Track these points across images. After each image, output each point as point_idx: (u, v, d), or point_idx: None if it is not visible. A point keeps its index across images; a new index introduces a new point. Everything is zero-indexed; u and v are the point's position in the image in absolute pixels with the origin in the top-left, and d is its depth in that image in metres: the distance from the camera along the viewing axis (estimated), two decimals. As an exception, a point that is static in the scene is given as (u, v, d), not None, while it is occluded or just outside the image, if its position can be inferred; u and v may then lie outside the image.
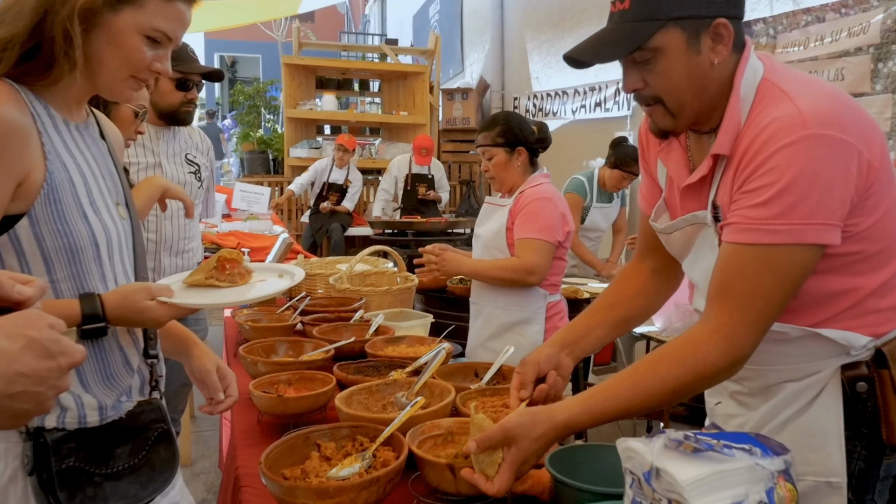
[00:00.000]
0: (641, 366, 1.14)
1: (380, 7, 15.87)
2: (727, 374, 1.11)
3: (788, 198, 1.05)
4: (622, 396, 1.11)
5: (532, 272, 2.40)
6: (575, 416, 1.10)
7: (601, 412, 1.11)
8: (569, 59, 1.21)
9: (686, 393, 1.11)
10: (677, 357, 1.10)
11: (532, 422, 1.09)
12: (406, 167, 6.69)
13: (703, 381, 1.10)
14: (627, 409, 1.11)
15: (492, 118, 2.64)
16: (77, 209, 1.11)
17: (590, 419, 1.11)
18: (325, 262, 3.40)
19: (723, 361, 1.08)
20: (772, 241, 1.07)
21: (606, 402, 1.11)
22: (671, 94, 1.17)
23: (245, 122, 8.98)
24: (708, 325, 1.11)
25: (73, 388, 1.11)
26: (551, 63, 6.89)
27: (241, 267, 1.24)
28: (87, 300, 1.09)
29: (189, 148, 2.76)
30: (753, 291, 1.08)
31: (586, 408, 1.11)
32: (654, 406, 1.13)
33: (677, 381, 1.09)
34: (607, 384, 1.14)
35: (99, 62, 1.12)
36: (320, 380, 1.68)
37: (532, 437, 1.08)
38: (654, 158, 1.41)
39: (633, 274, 1.55)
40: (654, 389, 1.09)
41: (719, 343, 1.08)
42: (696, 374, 1.08)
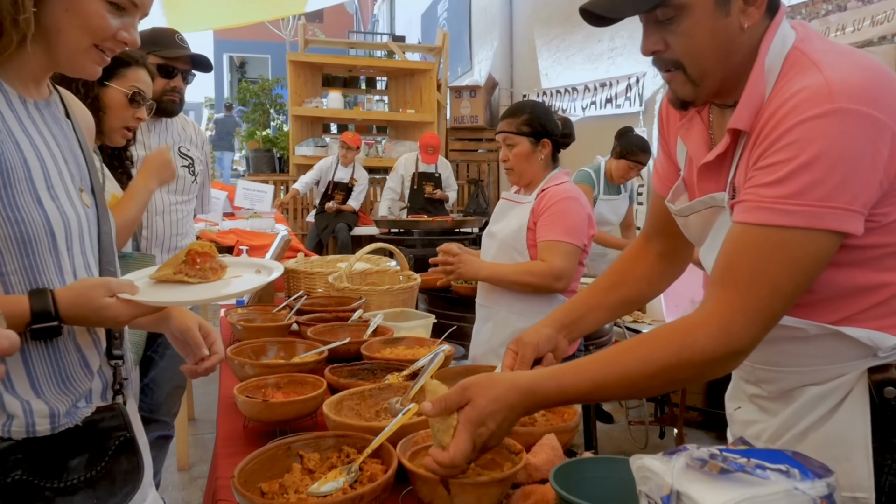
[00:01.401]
0: (623, 344, 1.02)
1: (388, 6, 15.79)
2: (720, 366, 0.98)
3: (806, 176, 0.93)
4: (596, 371, 0.99)
5: (560, 277, 2.22)
6: (540, 382, 0.98)
7: (572, 385, 0.98)
8: (584, 12, 1.09)
9: (670, 379, 0.98)
10: (663, 337, 0.98)
11: (491, 381, 0.98)
12: (413, 166, 6.58)
13: (688, 367, 0.96)
14: (602, 385, 0.98)
15: (518, 105, 2.46)
16: (31, 194, 1.00)
17: (558, 390, 0.98)
18: (326, 260, 3.30)
19: (713, 349, 0.95)
20: (783, 222, 0.95)
21: (578, 374, 0.99)
22: (693, 58, 1.06)
23: (251, 119, 8.90)
24: (703, 310, 0.99)
25: (22, 393, 1.00)
26: (561, 59, 6.77)
27: (214, 261, 1.13)
28: (38, 296, 0.98)
29: (182, 141, 2.67)
30: (757, 276, 0.96)
31: (554, 376, 0.99)
32: (633, 389, 1.00)
33: (659, 363, 0.96)
34: (584, 359, 1.03)
35: (56, 31, 1.02)
36: (311, 383, 1.57)
37: (489, 395, 0.96)
38: (673, 135, 1.30)
39: (638, 255, 1.45)
40: (633, 368, 0.97)
41: (712, 329, 0.96)
42: (682, 358, 0.96)
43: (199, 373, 1.31)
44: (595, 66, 6.08)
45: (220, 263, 1.15)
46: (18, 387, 1.00)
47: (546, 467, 1.15)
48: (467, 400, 0.97)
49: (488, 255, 2.43)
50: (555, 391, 0.98)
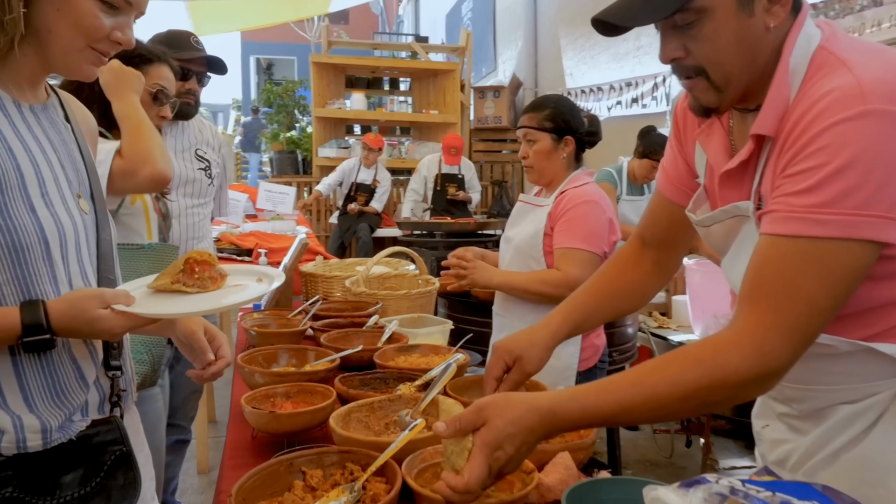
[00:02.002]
0: (650, 363, 0.95)
1: (413, 7, 15.79)
2: (755, 388, 0.92)
3: (840, 183, 0.87)
4: (622, 392, 0.92)
5: (576, 287, 2.14)
6: (562, 403, 0.92)
7: (595, 406, 0.92)
8: (597, 22, 1.03)
9: (701, 401, 0.92)
10: (694, 358, 0.92)
11: (508, 402, 0.92)
12: (436, 167, 6.54)
13: (722, 389, 0.90)
14: (628, 407, 0.92)
15: (541, 99, 2.31)
16: (24, 201, 0.97)
17: (581, 412, 0.92)
18: (346, 263, 3.27)
19: (748, 370, 0.89)
20: (817, 233, 0.89)
21: (602, 395, 0.92)
22: (717, 64, 0.99)
23: (275, 121, 8.93)
24: (735, 328, 0.93)
25: (14, 407, 0.97)
26: (586, 59, 6.68)
27: (213, 270, 1.09)
28: (29, 308, 0.95)
29: (199, 143, 2.65)
30: (792, 292, 0.90)
31: (576, 396, 0.93)
32: (661, 411, 0.93)
33: (690, 384, 0.90)
34: (608, 378, 0.97)
35: (48, 32, 0.99)
36: (321, 393, 1.53)
37: (507, 417, 0.90)
38: (691, 141, 1.23)
39: (635, 261, 1.39)
40: (662, 390, 0.90)
41: (746, 349, 0.89)
42: (715, 378, 0.89)
43: (205, 378, 1.28)
44: (620, 65, 5.98)
45: (219, 272, 1.11)
46: (10, 400, 0.97)
47: (559, 488, 1.09)
48: (483, 421, 0.91)
49: (504, 260, 2.34)
50: (577, 413, 0.92)
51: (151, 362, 1.75)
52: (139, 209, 1.94)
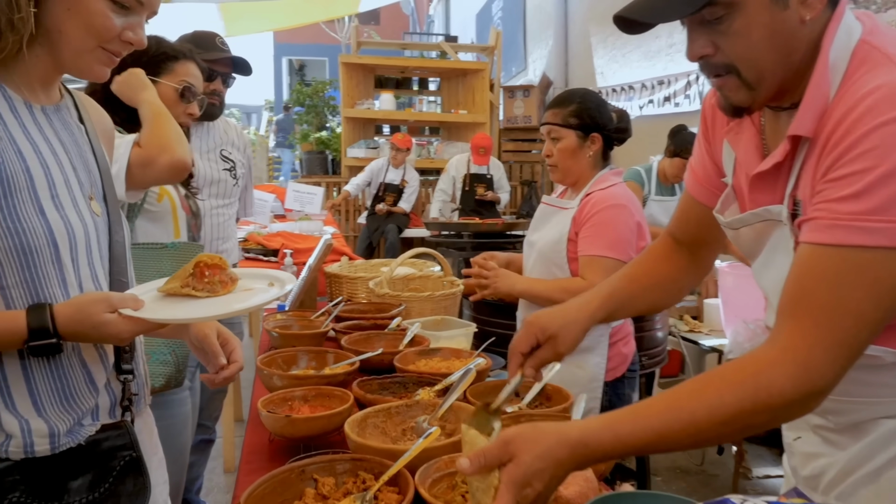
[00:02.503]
0: (687, 386, 0.90)
1: (444, 7, 15.77)
2: (799, 408, 0.87)
3: (889, 188, 0.82)
4: (658, 419, 0.86)
5: None
6: (594, 433, 0.86)
7: (630, 434, 0.86)
8: (620, 19, 0.98)
9: (742, 426, 0.86)
10: (734, 380, 0.86)
11: (536, 434, 0.87)
12: (464, 167, 6.50)
13: (765, 412, 0.84)
14: (664, 435, 0.86)
15: (566, 94, 2.19)
16: (33, 204, 0.96)
17: (613, 440, 0.86)
18: (371, 264, 3.25)
19: (793, 391, 0.83)
20: (864, 241, 0.83)
21: (637, 423, 0.87)
22: (749, 60, 0.94)
23: (305, 121, 8.98)
24: (777, 344, 0.87)
25: (23, 411, 0.97)
26: (617, 57, 6.58)
27: (224, 274, 1.07)
28: (36, 312, 0.93)
29: (224, 144, 2.66)
30: (837, 305, 0.84)
31: (609, 425, 0.87)
32: (700, 438, 0.88)
33: (730, 408, 0.84)
34: (642, 403, 0.91)
35: (59, 33, 0.97)
36: (339, 397, 1.51)
37: (535, 451, 0.84)
38: (719, 139, 1.17)
39: (670, 255, 1.35)
40: (700, 416, 0.85)
41: (790, 368, 0.84)
42: (757, 402, 0.84)
43: (217, 382, 1.26)
44: (652, 63, 5.88)
45: (230, 276, 1.09)
46: (19, 404, 0.97)
47: (579, 501, 1.05)
48: (510, 456, 0.85)
49: (527, 265, 2.25)
50: (610, 443, 0.86)
51: (175, 363, 1.74)
52: (166, 208, 1.92)
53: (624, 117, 2.24)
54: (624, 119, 2.23)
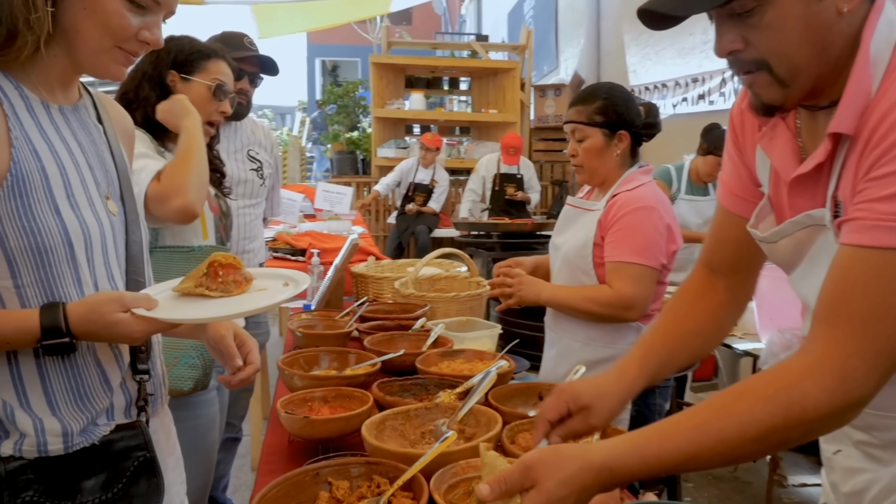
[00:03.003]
0: (716, 401, 0.85)
1: (476, 6, 15.74)
2: (835, 421, 0.82)
3: None
4: (685, 439, 0.82)
5: (630, 307, 1.88)
6: (618, 457, 0.82)
7: (656, 456, 0.82)
8: (644, 14, 0.94)
9: (775, 442, 0.82)
10: (765, 393, 0.82)
11: (558, 459, 0.83)
12: (494, 167, 6.47)
13: (798, 427, 0.80)
14: (693, 455, 0.82)
15: (591, 89, 2.07)
16: (48, 203, 0.96)
17: (640, 463, 0.82)
18: (398, 264, 3.24)
19: (829, 404, 0.79)
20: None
21: (664, 443, 0.83)
22: (781, 55, 0.88)
23: (336, 122, 9.03)
24: (811, 354, 0.82)
25: (37, 410, 0.97)
26: (650, 54, 6.48)
27: (238, 274, 1.06)
28: (49, 311, 0.94)
29: (252, 144, 2.67)
30: (879, 312, 0.79)
31: (635, 448, 0.83)
32: (731, 456, 0.83)
33: (762, 424, 0.80)
34: (668, 421, 0.86)
35: (76, 32, 0.98)
36: (358, 398, 1.49)
37: (558, 478, 0.81)
38: (751, 146, 1.11)
39: (706, 293, 1.21)
40: (730, 433, 0.81)
41: (825, 379, 0.79)
42: (790, 417, 0.79)
43: (233, 384, 1.26)
44: (686, 60, 5.77)
45: (244, 276, 1.08)
46: (34, 403, 0.97)
47: (599, 510, 1.02)
48: (532, 483, 0.82)
49: (553, 269, 2.15)
50: (637, 467, 0.82)
51: (203, 367, 1.74)
52: None
53: (652, 111, 2.09)
54: (652, 113, 2.08)
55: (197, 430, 1.88)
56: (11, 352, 0.96)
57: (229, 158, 2.52)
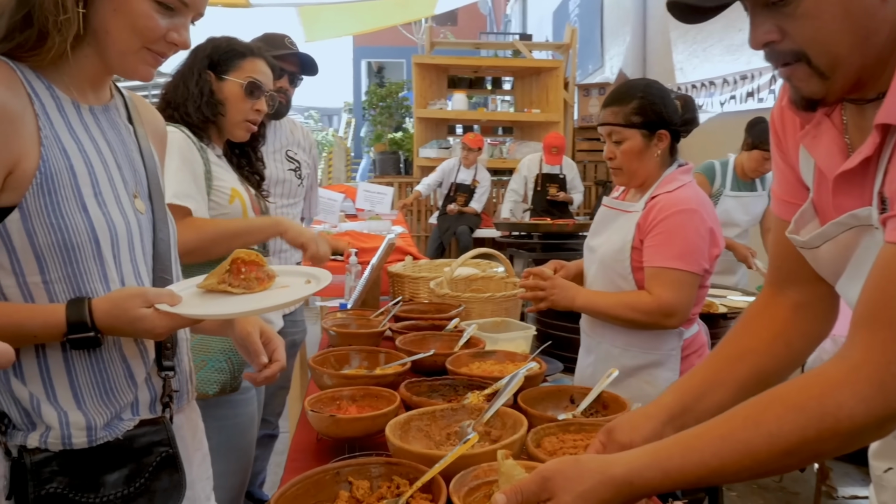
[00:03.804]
0: (742, 411, 0.81)
1: (521, 6, 15.66)
2: (873, 433, 0.77)
3: None
4: (709, 450, 0.78)
5: (670, 314, 1.81)
6: (639, 471, 0.79)
7: (678, 469, 0.78)
8: (675, 6, 0.89)
9: (809, 455, 0.77)
10: (796, 402, 0.77)
11: (578, 471, 0.80)
12: (536, 167, 6.41)
13: (832, 440, 0.75)
14: (717, 469, 0.78)
15: (625, 88, 1.97)
16: (76, 201, 0.98)
17: (661, 477, 0.79)
18: (434, 264, 3.24)
19: (864, 415, 0.74)
20: None
21: (686, 455, 0.79)
22: (819, 45, 0.84)
23: (378, 122, 9.10)
24: (847, 360, 0.78)
25: (63, 403, 0.99)
26: (697, 52, 6.34)
27: (261, 270, 1.07)
28: (74, 306, 0.96)
29: (290, 144, 2.70)
30: None
31: (656, 461, 0.80)
32: (760, 470, 0.79)
33: (792, 436, 0.75)
34: (692, 432, 0.82)
35: (105, 33, 1.00)
36: (386, 398, 1.49)
37: (576, 490, 0.78)
38: (794, 146, 1.05)
39: (766, 311, 1.13)
40: (757, 445, 0.76)
41: (862, 387, 0.74)
42: (823, 428, 0.74)
43: (258, 381, 1.27)
44: (735, 57, 5.62)
45: (267, 273, 1.09)
46: (60, 396, 0.99)
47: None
48: (549, 495, 0.80)
49: (589, 273, 2.06)
50: (659, 481, 0.79)
51: (231, 370, 1.76)
52: (237, 209, 1.93)
53: (689, 105, 2.00)
54: (690, 107, 1.99)
55: (236, 428, 1.91)
56: (40, 345, 0.98)
57: (268, 158, 2.55)
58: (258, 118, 1.93)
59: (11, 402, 0.98)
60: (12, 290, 0.97)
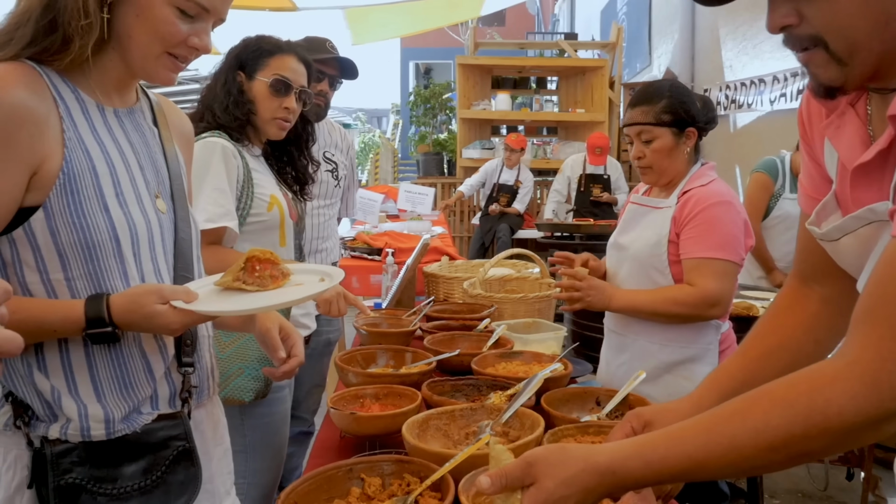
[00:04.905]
0: (731, 405, 0.79)
1: (569, 5, 15.52)
2: (867, 433, 0.74)
3: None
4: (694, 444, 0.77)
5: (715, 304, 1.83)
6: (622, 460, 0.78)
7: (661, 460, 0.77)
8: None
9: (796, 452, 0.74)
10: (784, 398, 0.75)
11: (562, 458, 0.80)
12: (580, 167, 6.35)
13: (820, 437, 0.73)
14: (701, 462, 0.76)
15: (651, 88, 2.00)
16: (98, 201, 1.02)
17: (644, 467, 0.78)
18: (471, 264, 3.25)
19: (855, 412, 0.71)
20: None
21: (671, 447, 0.77)
22: (837, 29, 0.81)
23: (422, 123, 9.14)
24: (842, 357, 0.75)
25: (84, 396, 1.03)
26: (747, 48, 6.17)
27: (276, 269, 1.09)
28: (93, 302, 0.99)
29: (328, 146, 2.73)
30: None
31: (640, 452, 0.79)
32: (744, 465, 0.77)
33: (778, 432, 0.73)
34: (680, 425, 0.81)
35: (128, 38, 1.03)
36: (409, 397, 1.50)
37: (560, 477, 0.78)
38: (819, 139, 1.03)
39: (795, 304, 1.12)
40: (743, 440, 0.74)
41: (854, 385, 0.72)
42: (811, 425, 0.72)
43: (277, 376, 1.29)
44: (786, 53, 5.35)
45: (281, 271, 1.11)
46: (81, 389, 1.03)
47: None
48: (533, 480, 0.80)
49: (619, 273, 2.06)
50: (640, 471, 0.78)
51: (266, 378, 1.79)
52: (275, 217, 1.91)
53: (709, 104, 2.04)
54: (710, 106, 2.03)
55: (270, 426, 1.95)
56: (63, 340, 1.02)
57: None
58: (289, 115, 1.89)
59: (34, 395, 1.02)
60: (36, 286, 1.01)
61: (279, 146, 2.00)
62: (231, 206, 1.77)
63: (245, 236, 1.83)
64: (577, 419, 1.43)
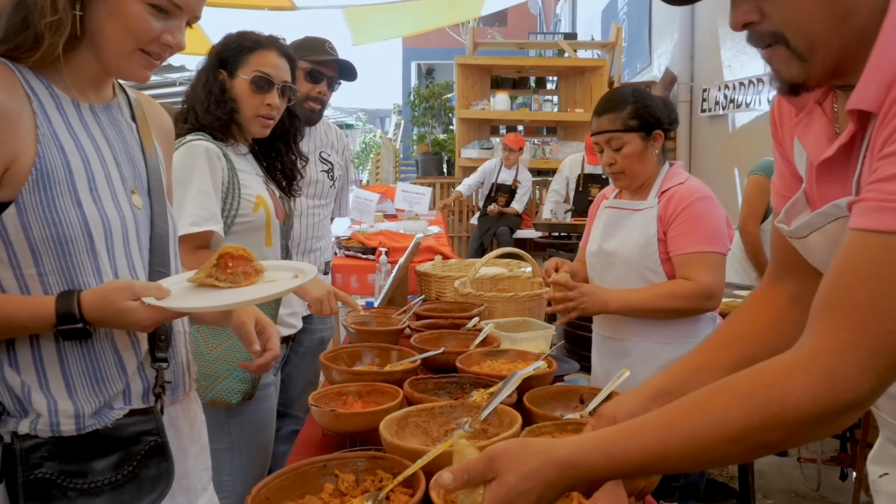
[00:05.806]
0: (692, 398, 0.79)
1: (570, 5, 15.51)
2: (824, 425, 0.74)
3: None
4: (653, 437, 0.77)
5: (711, 295, 1.89)
6: (583, 454, 0.78)
7: (621, 453, 0.77)
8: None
9: (752, 445, 0.74)
10: (743, 390, 0.75)
11: (523, 452, 0.79)
12: (578, 167, 6.33)
13: (778, 429, 0.72)
14: (662, 455, 0.76)
15: (616, 96, 2.04)
16: (70, 196, 1.02)
17: (604, 460, 0.77)
18: (463, 264, 3.25)
19: (812, 404, 0.71)
20: None
21: (631, 440, 0.78)
22: (796, 26, 0.81)
23: (420, 123, 9.14)
24: (800, 350, 0.75)
25: (54, 391, 1.03)
26: (746, 48, 6.13)
27: (249, 265, 1.10)
28: (64, 298, 1.00)
29: (324, 146, 2.73)
30: (877, 304, 0.71)
31: (601, 445, 0.79)
32: (705, 457, 0.77)
33: (736, 424, 0.73)
34: (641, 418, 0.81)
35: (101, 35, 1.04)
36: (391, 394, 1.51)
37: (521, 471, 0.78)
38: (789, 137, 1.04)
39: (762, 301, 1.14)
40: (702, 432, 0.74)
41: (811, 377, 0.72)
42: (768, 416, 0.72)
43: (251, 369, 1.30)
44: (784, 53, 5.45)
45: (255, 267, 1.12)
46: (52, 385, 1.03)
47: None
48: (494, 474, 0.80)
49: (608, 277, 2.07)
50: (601, 464, 0.78)
51: (252, 380, 1.79)
52: (261, 221, 1.90)
53: (669, 105, 2.08)
54: (671, 108, 2.08)
55: (256, 424, 1.95)
56: (34, 336, 1.03)
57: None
58: (271, 112, 1.87)
59: (5, 390, 1.03)
60: (9, 281, 1.01)
61: (266, 142, 1.99)
62: (216, 210, 1.77)
63: (231, 237, 1.82)
64: (559, 417, 1.43)
